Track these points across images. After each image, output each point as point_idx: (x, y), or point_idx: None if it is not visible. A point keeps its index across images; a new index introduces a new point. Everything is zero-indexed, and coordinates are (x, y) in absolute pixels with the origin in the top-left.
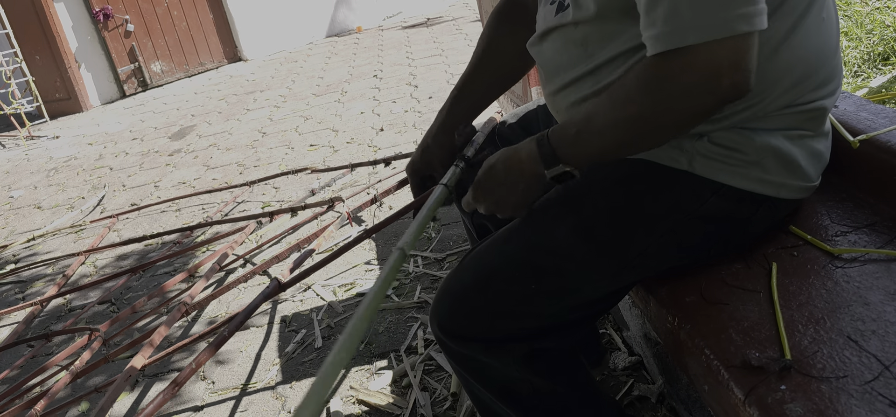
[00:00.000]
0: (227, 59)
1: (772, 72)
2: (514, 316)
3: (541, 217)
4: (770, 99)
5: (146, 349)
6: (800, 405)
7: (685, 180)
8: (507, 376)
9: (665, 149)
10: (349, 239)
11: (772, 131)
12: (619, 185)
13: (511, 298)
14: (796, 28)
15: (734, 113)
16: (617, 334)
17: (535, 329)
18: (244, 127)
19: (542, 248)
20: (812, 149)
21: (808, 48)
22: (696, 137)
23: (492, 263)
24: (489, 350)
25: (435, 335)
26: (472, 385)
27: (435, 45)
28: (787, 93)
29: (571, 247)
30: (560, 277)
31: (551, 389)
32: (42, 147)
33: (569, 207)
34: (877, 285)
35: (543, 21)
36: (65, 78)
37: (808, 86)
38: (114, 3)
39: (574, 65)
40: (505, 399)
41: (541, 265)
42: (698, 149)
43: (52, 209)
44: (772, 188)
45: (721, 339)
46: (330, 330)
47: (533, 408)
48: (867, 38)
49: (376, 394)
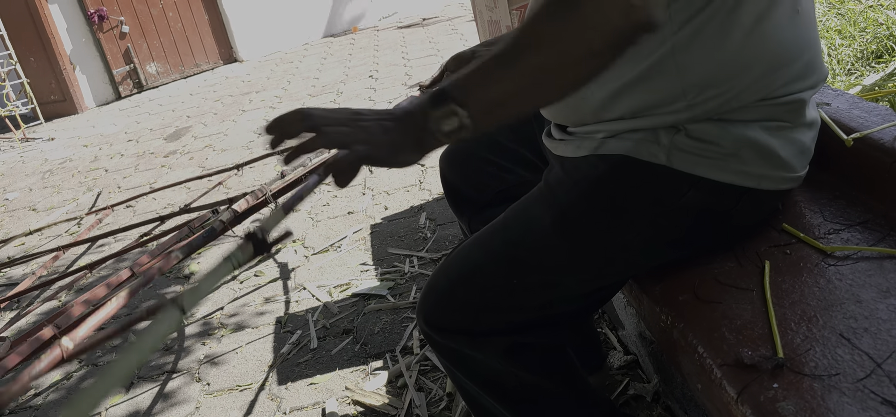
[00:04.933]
0: (222, 60)
1: (744, 55)
2: (497, 311)
3: (522, 214)
4: (740, 87)
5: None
6: (792, 403)
7: (664, 174)
8: (492, 369)
9: (643, 145)
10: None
11: (748, 123)
12: (597, 182)
13: (494, 293)
14: (764, 18)
15: (711, 97)
16: (612, 333)
17: (519, 323)
18: (240, 128)
19: (523, 244)
20: (792, 139)
21: (780, 39)
22: (673, 131)
23: (475, 259)
24: (473, 343)
25: (421, 328)
26: (459, 379)
27: (431, 45)
28: (759, 82)
29: (552, 243)
30: (542, 273)
31: (537, 383)
32: (37, 149)
33: (549, 204)
34: (869, 283)
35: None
36: (60, 80)
37: (782, 78)
38: (108, 5)
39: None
40: (491, 391)
41: (523, 260)
42: (676, 143)
43: (47, 211)
44: (752, 179)
45: (714, 338)
46: (325, 330)
47: (519, 401)
48: (860, 36)
49: (372, 395)
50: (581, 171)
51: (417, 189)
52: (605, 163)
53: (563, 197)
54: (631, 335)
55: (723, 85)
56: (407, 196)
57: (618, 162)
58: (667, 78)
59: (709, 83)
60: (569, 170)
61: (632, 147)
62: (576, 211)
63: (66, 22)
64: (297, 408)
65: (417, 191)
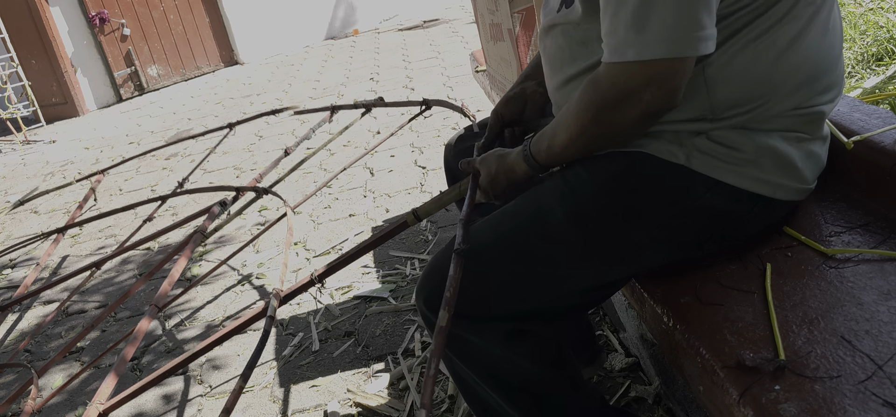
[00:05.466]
0: (223, 62)
1: (777, 75)
2: (501, 298)
3: (534, 203)
4: (774, 101)
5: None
6: (794, 405)
7: (681, 175)
8: (490, 355)
9: (664, 144)
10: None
11: (770, 132)
12: (615, 178)
13: (500, 280)
14: (802, 34)
15: (738, 114)
16: (614, 336)
17: (521, 312)
18: (240, 130)
19: (535, 234)
20: (809, 151)
21: (813, 54)
22: (695, 134)
23: (483, 243)
24: (474, 326)
25: (419, 310)
26: (455, 364)
27: (431, 47)
28: (791, 96)
29: (565, 235)
30: (551, 264)
31: (534, 372)
32: (38, 151)
33: (564, 196)
34: (870, 285)
35: (546, 15)
36: (61, 82)
37: (812, 92)
38: (110, 8)
39: (575, 61)
40: (487, 378)
41: (532, 250)
42: (697, 145)
43: (48, 213)
44: (768, 188)
45: (716, 340)
46: (327, 332)
47: (515, 390)
48: (861, 39)
49: (373, 397)
50: (599, 165)
51: (418, 191)
52: (625, 158)
53: (580, 189)
54: (632, 337)
55: (752, 103)
56: (408, 198)
57: (637, 158)
58: (696, 96)
59: (738, 102)
60: (586, 164)
61: (652, 145)
62: (591, 205)
63: (67, 24)
64: (298, 410)
65: (418, 193)
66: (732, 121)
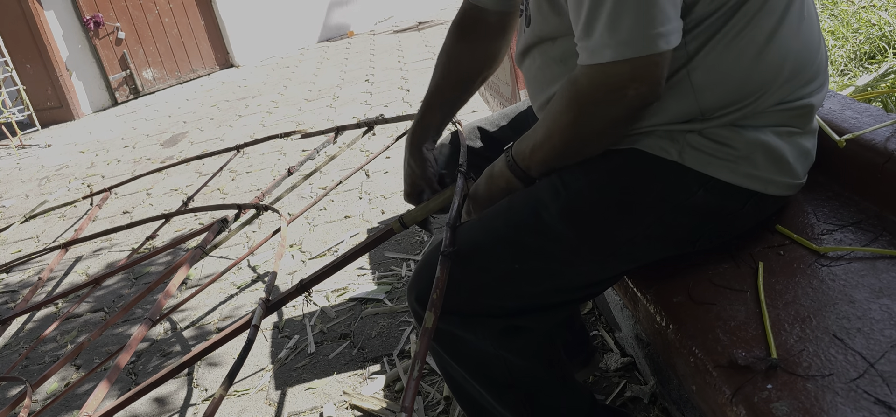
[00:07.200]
0: (218, 65)
1: (760, 71)
2: (494, 294)
3: (529, 198)
4: (761, 98)
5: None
6: (786, 403)
7: (674, 171)
8: (482, 352)
9: (656, 140)
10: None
11: (761, 128)
12: (608, 174)
13: (493, 275)
14: (779, 27)
15: (728, 112)
16: (609, 335)
17: (514, 308)
18: (236, 133)
19: (528, 229)
20: (800, 146)
21: (793, 46)
22: (687, 130)
23: (476, 239)
24: (466, 323)
25: (411, 307)
26: (445, 362)
27: (426, 49)
28: (779, 90)
29: (558, 231)
30: (544, 259)
31: (525, 370)
32: (34, 156)
33: (557, 191)
34: (862, 283)
35: (522, 38)
36: (56, 86)
37: (797, 83)
38: (104, 11)
39: (555, 80)
40: (478, 376)
41: (526, 245)
42: (689, 141)
43: (43, 218)
44: (760, 183)
45: (708, 339)
46: (322, 335)
47: (505, 388)
48: (853, 37)
49: (369, 399)
50: (593, 161)
51: None
52: (619, 155)
53: (573, 185)
54: (627, 337)
55: (740, 102)
56: (403, 200)
57: (630, 155)
58: (685, 101)
59: (726, 103)
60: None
61: (645, 141)
62: (584, 200)
63: (62, 28)
64: (294, 413)
65: None
66: (723, 120)
